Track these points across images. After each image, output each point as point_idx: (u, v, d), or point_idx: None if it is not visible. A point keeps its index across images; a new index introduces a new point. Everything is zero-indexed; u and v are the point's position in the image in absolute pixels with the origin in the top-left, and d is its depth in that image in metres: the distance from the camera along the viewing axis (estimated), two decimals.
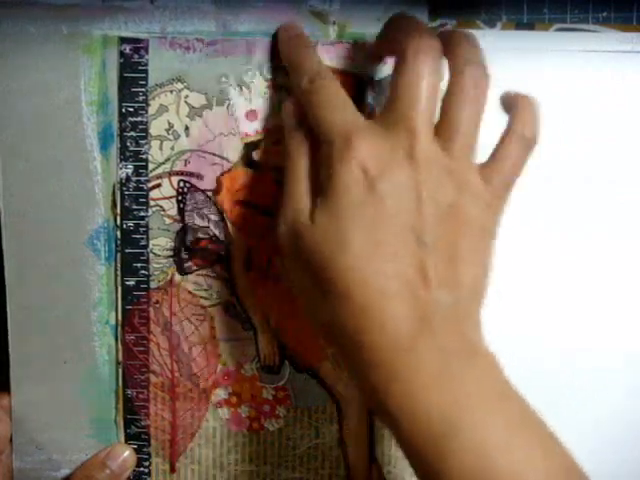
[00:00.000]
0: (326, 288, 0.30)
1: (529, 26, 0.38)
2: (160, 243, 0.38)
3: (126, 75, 0.37)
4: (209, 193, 0.38)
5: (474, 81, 0.31)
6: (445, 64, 0.31)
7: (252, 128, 0.37)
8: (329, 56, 0.37)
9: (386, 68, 0.37)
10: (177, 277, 0.38)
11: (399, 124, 0.30)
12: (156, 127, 0.37)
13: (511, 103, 0.33)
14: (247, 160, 0.38)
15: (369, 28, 0.37)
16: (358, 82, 0.37)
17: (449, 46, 0.31)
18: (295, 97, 0.34)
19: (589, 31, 0.38)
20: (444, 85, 0.31)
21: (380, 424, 0.39)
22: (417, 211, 0.29)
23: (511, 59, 0.38)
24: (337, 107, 0.31)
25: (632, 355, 0.40)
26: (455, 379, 0.28)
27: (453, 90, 0.31)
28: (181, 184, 0.38)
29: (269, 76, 0.37)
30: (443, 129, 0.31)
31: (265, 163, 0.38)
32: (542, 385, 0.40)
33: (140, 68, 0.37)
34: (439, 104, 0.31)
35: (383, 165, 0.29)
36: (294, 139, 0.33)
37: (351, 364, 0.30)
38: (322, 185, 0.31)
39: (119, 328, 0.39)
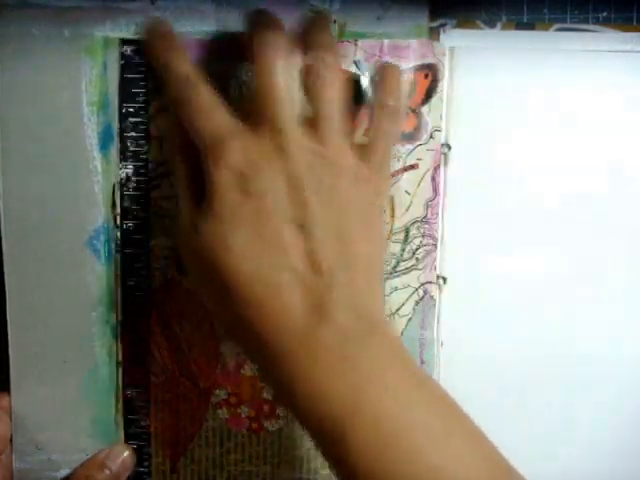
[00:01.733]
0: (221, 291, 0.30)
1: (529, 26, 0.38)
2: (160, 243, 0.38)
3: (127, 76, 0.37)
4: None
5: (325, 64, 0.31)
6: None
7: None
8: None
9: None
10: (177, 277, 0.38)
11: (264, 122, 0.30)
12: (156, 128, 0.37)
13: (375, 75, 0.33)
14: None
15: (369, 27, 0.37)
16: (358, 82, 0.37)
17: (301, 35, 0.32)
18: (168, 103, 0.34)
19: (589, 31, 0.38)
20: None
21: None
22: (296, 201, 0.30)
23: (511, 59, 0.38)
24: (208, 112, 0.31)
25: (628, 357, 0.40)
26: (353, 360, 0.28)
27: (308, 77, 0.31)
28: None
29: None
30: (309, 117, 0.31)
31: None
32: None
33: (141, 69, 0.37)
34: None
35: (255, 164, 0.30)
36: (173, 147, 0.34)
37: (257, 362, 0.31)
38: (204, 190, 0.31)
39: (119, 328, 0.39)
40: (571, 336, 0.39)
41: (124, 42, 0.37)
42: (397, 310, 0.39)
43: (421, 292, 0.39)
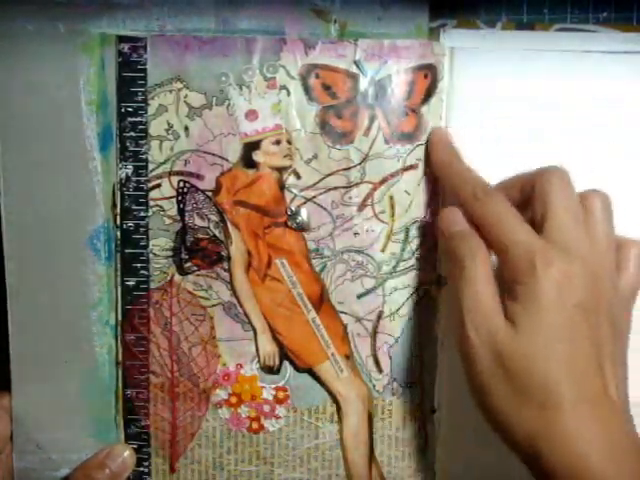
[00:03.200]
0: (532, 396, 0.31)
1: (529, 26, 0.38)
2: (160, 243, 0.38)
3: (125, 75, 0.37)
4: (209, 193, 0.38)
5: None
6: None
7: (252, 128, 0.37)
8: (329, 54, 0.37)
9: (385, 68, 0.37)
10: (177, 277, 0.38)
11: (561, 242, 0.32)
12: (155, 127, 0.37)
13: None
14: (247, 160, 0.38)
15: (369, 27, 0.37)
16: (358, 81, 0.37)
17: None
18: (461, 204, 0.35)
19: (589, 31, 0.38)
20: None
21: (380, 424, 0.40)
22: (595, 327, 0.32)
23: (511, 59, 0.38)
24: (512, 223, 0.33)
25: None
26: None
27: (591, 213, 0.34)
28: (181, 184, 0.38)
29: (269, 75, 0.37)
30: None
31: (265, 163, 0.38)
32: None
33: (139, 67, 0.37)
34: None
35: (571, 288, 0.31)
36: (467, 244, 0.34)
37: (559, 474, 0.30)
38: (515, 292, 0.32)
39: (119, 328, 0.39)
40: None
41: (121, 39, 0.37)
42: (397, 310, 0.39)
43: (421, 292, 0.39)
